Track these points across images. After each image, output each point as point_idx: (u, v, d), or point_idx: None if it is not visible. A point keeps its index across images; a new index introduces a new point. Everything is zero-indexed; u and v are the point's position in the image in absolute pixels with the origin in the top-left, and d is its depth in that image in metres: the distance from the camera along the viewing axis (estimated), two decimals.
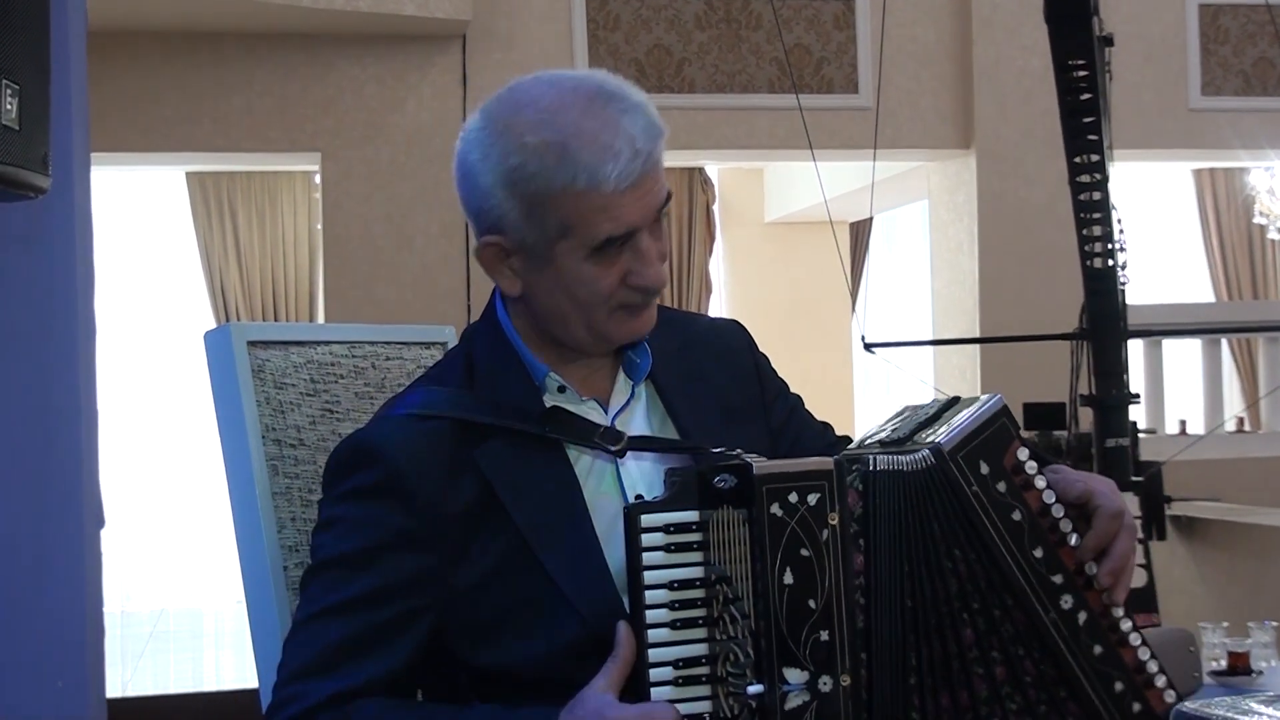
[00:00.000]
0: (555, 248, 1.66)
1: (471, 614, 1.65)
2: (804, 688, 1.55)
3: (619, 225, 1.63)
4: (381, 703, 1.60)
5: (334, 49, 9.44)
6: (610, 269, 1.66)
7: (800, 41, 9.86)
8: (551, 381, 1.73)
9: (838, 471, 1.59)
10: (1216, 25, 10.40)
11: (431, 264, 9.55)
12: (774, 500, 1.56)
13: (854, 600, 1.59)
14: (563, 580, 1.64)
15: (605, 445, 1.70)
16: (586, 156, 1.60)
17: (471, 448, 1.67)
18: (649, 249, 1.67)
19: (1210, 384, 9.68)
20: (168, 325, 11.53)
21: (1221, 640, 3.05)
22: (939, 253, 10.75)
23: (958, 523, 1.62)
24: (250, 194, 11.21)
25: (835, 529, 1.58)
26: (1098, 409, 5.87)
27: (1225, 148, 10.42)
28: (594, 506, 1.70)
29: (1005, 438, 1.66)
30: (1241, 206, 11.91)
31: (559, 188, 1.62)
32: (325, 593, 1.64)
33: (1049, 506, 1.65)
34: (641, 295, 1.69)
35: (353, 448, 1.68)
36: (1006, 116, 9.98)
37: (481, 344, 1.77)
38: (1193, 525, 7.21)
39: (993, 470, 1.64)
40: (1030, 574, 1.62)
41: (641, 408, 1.80)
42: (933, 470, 1.62)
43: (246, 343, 1.84)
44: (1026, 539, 1.63)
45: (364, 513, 1.65)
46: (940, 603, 1.61)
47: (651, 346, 1.79)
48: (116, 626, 10.04)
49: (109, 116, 8.81)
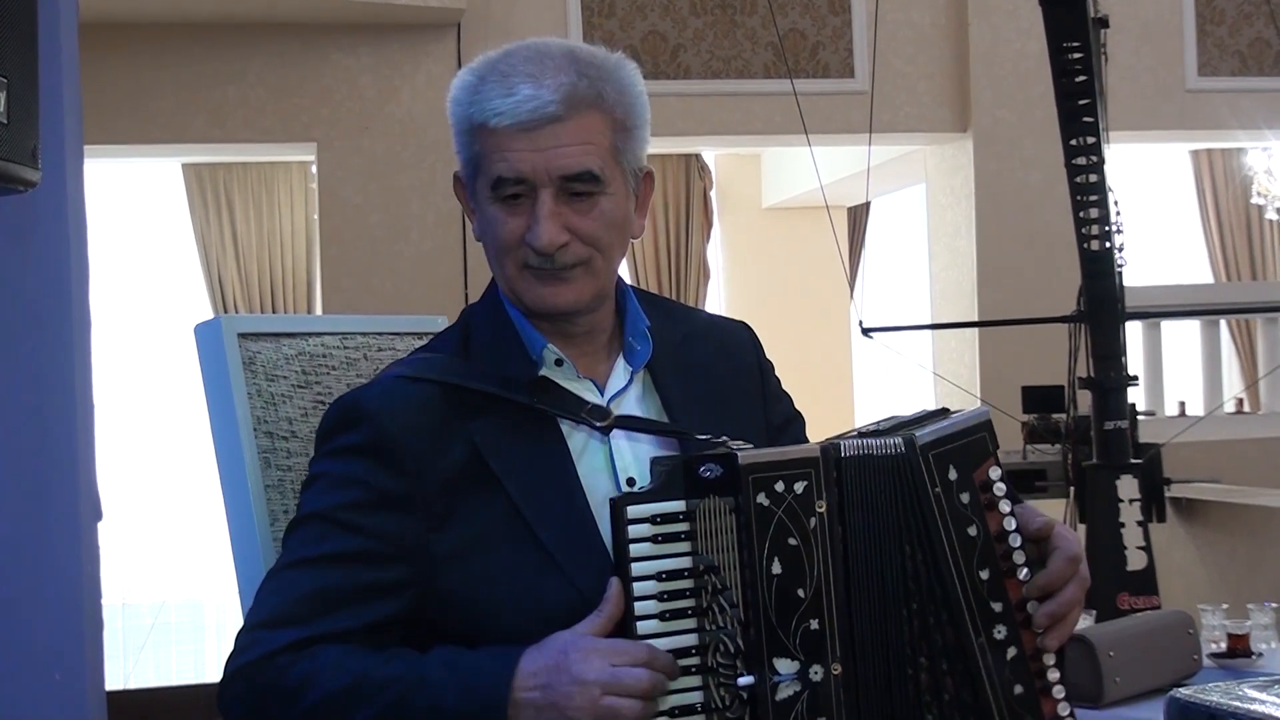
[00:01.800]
0: (476, 184, 1.72)
1: (455, 580, 1.64)
2: (795, 677, 1.55)
3: (509, 167, 1.67)
4: (339, 648, 1.60)
5: (329, 39, 9.42)
6: (511, 218, 1.70)
7: (795, 26, 9.84)
8: (549, 354, 1.75)
9: (824, 459, 1.59)
10: (1212, 6, 10.38)
11: (428, 254, 9.54)
12: (760, 489, 1.56)
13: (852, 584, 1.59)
14: (557, 551, 1.65)
15: (591, 420, 1.71)
16: (488, 90, 1.68)
17: (465, 419, 1.68)
18: (546, 209, 1.67)
19: (1209, 365, 9.68)
20: (165, 317, 11.51)
21: (1221, 622, 3.04)
22: (937, 236, 10.74)
23: (913, 518, 1.61)
24: (247, 185, 11.19)
25: (823, 517, 1.58)
26: (1096, 391, 5.87)
27: (1222, 128, 10.40)
28: (586, 484, 1.71)
29: (981, 451, 1.64)
30: (1239, 187, 11.89)
31: (467, 119, 1.70)
32: (301, 546, 1.65)
33: (1007, 533, 1.63)
34: (538, 257, 1.69)
35: (343, 408, 1.70)
36: (1003, 99, 9.96)
37: (480, 318, 1.79)
38: (1192, 507, 7.21)
39: (960, 479, 1.62)
40: (971, 592, 1.60)
41: (636, 393, 1.80)
42: (900, 459, 1.61)
43: (237, 335, 1.83)
44: (977, 557, 1.61)
45: (348, 470, 1.65)
46: (886, 594, 1.60)
47: (653, 336, 1.81)
48: (118, 619, 10.04)
49: (104, 108, 8.79)
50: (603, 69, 1.71)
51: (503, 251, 1.71)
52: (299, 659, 1.58)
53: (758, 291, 12.81)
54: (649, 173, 1.79)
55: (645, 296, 1.87)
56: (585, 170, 1.67)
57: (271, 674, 1.58)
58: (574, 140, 1.67)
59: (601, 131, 1.69)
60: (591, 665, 1.52)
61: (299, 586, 1.62)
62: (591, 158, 1.68)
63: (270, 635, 1.60)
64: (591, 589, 1.61)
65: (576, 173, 1.67)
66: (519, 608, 1.63)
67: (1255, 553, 6.84)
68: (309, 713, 1.57)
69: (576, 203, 1.69)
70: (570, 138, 1.66)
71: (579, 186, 1.68)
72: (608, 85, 1.70)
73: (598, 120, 1.69)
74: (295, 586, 1.62)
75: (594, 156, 1.68)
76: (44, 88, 2.03)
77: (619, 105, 1.71)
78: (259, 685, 1.59)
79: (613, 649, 1.53)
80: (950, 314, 10.36)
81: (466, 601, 1.64)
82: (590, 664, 1.52)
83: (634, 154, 1.74)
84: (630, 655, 1.53)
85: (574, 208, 1.69)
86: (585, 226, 1.69)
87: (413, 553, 1.64)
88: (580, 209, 1.69)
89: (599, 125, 1.69)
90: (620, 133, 1.72)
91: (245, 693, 1.60)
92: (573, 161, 1.67)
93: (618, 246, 1.75)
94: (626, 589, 1.56)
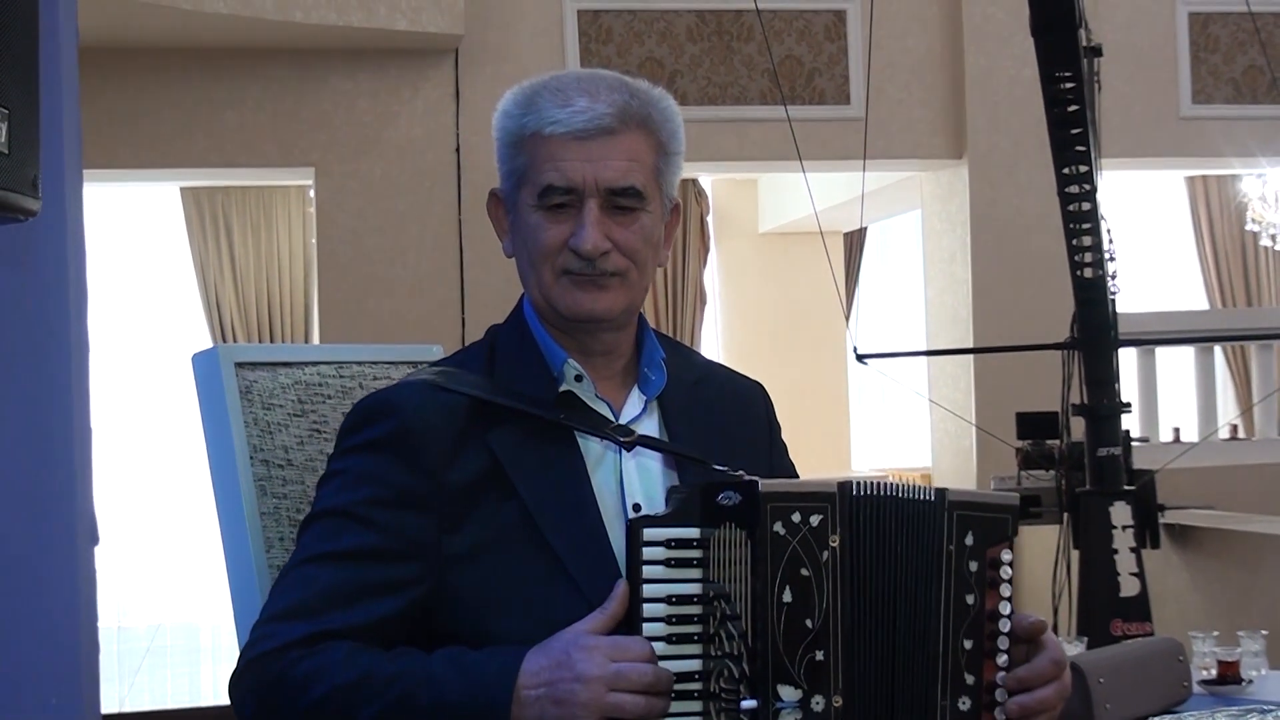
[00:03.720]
0: (519, 195, 1.77)
1: (464, 583, 1.67)
2: (797, 705, 1.57)
3: (560, 176, 1.73)
4: (348, 645, 1.62)
5: (327, 64, 9.45)
6: (555, 225, 1.75)
7: (792, 53, 9.88)
8: (570, 369, 1.78)
9: (840, 494, 1.61)
10: (1207, 33, 10.42)
11: (426, 278, 9.55)
12: (777, 519, 1.58)
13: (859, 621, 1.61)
14: (570, 560, 1.68)
15: (615, 437, 1.75)
16: (544, 102, 1.75)
17: (485, 428, 1.72)
18: (593, 216, 1.73)
19: (1204, 391, 9.69)
20: (164, 341, 11.51)
21: (1212, 649, 3.05)
22: (932, 262, 10.76)
23: (918, 563, 1.64)
24: (245, 209, 11.21)
25: (835, 551, 1.60)
26: (1089, 418, 5.89)
27: (1217, 155, 10.43)
28: (597, 496, 1.75)
29: (1002, 531, 1.67)
30: (1234, 213, 11.93)
31: (518, 131, 1.77)
32: (317, 541, 1.68)
33: (1000, 615, 1.65)
34: (579, 261, 1.74)
35: (369, 404, 1.75)
36: (998, 126, 9.99)
37: (505, 336, 1.84)
38: (1186, 533, 7.21)
39: (975, 547, 1.65)
40: (950, 655, 1.63)
41: (649, 424, 1.83)
42: (926, 507, 1.65)
43: (235, 364, 1.85)
44: (966, 625, 1.64)
45: (369, 466, 1.69)
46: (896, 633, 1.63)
47: (668, 369, 1.85)
48: (113, 642, 10.02)
49: (103, 133, 8.82)
50: (649, 95, 1.79)
51: (542, 258, 1.76)
52: (309, 653, 1.61)
53: (754, 316, 12.83)
54: (677, 205, 1.86)
55: (664, 337, 1.92)
56: (631, 186, 1.74)
57: (282, 666, 1.62)
58: (623, 155, 1.74)
59: (647, 151, 1.77)
60: (594, 662, 1.54)
61: (314, 582, 1.65)
62: (637, 174, 1.75)
63: (283, 628, 1.63)
64: (599, 598, 1.64)
65: (623, 187, 1.74)
66: (527, 612, 1.66)
67: (1249, 579, 6.85)
68: (316, 705, 1.60)
69: (619, 216, 1.75)
70: (620, 152, 1.74)
71: (623, 201, 1.74)
72: (655, 110, 1.78)
73: (645, 140, 1.77)
74: (310, 582, 1.65)
75: (639, 174, 1.75)
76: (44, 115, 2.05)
77: (664, 129, 1.79)
78: (269, 677, 1.62)
79: (614, 645, 1.56)
80: (946, 340, 10.38)
81: (475, 603, 1.67)
82: (593, 660, 1.55)
83: (671, 180, 1.82)
84: (632, 651, 1.56)
85: (616, 220, 1.75)
86: (626, 239, 1.75)
87: (426, 551, 1.67)
88: (622, 222, 1.75)
89: (646, 144, 1.77)
90: (662, 156, 1.79)
91: (256, 684, 1.63)
92: (620, 176, 1.74)
93: (651, 264, 1.81)
94: (635, 609, 1.59)
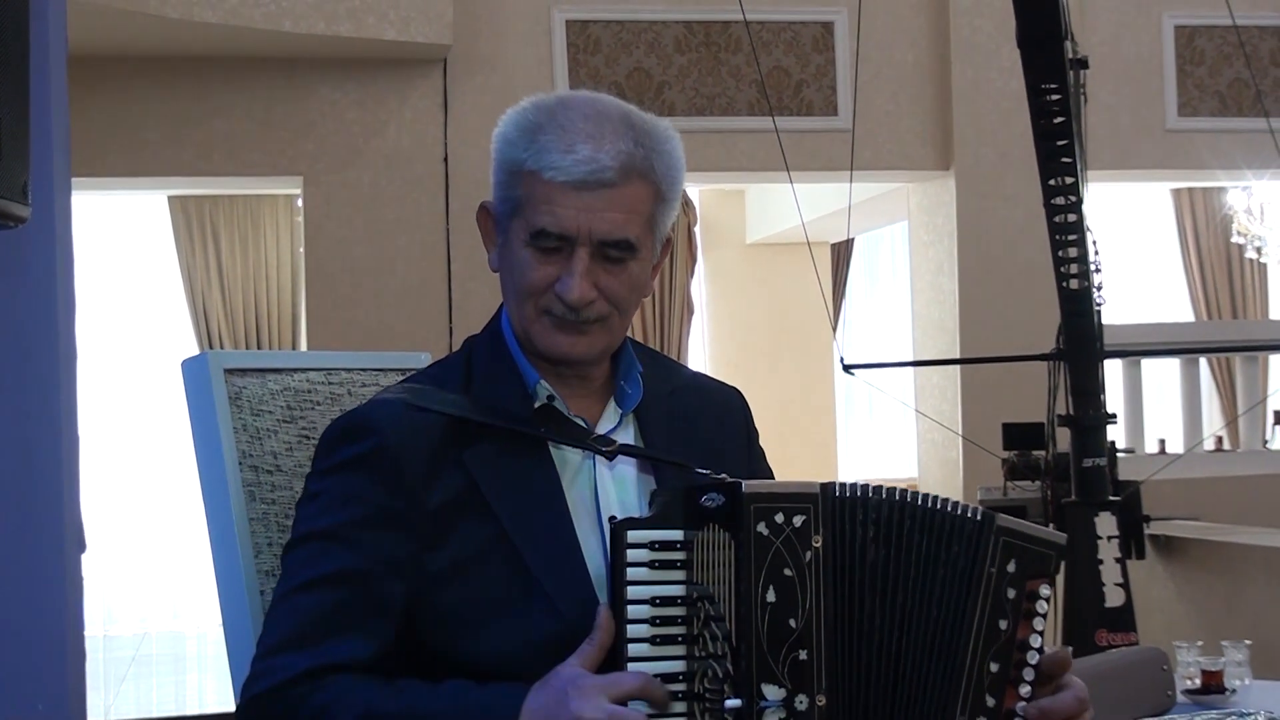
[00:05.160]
0: (511, 223, 1.75)
1: (444, 600, 1.68)
2: (780, 705, 1.57)
3: (555, 222, 1.71)
4: (353, 678, 1.63)
5: (315, 73, 9.46)
6: (543, 265, 1.73)
7: (779, 64, 9.91)
8: (542, 389, 1.78)
9: (823, 495, 1.62)
10: (1192, 47, 10.47)
11: (413, 287, 9.56)
12: (760, 519, 1.59)
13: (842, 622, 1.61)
14: (544, 577, 1.68)
15: (597, 447, 1.76)
16: (547, 141, 1.71)
17: (460, 447, 1.72)
18: (582, 267, 1.72)
19: (1189, 403, 9.72)
20: (151, 349, 11.49)
21: (1195, 659, 3.06)
22: (919, 273, 10.79)
23: (958, 582, 1.65)
24: (233, 217, 11.20)
25: (818, 551, 1.60)
26: (1075, 429, 5.91)
27: (1202, 168, 10.48)
28: (572, 510, 1.74)
29: (1044, 566, 1.69)
30: (1220, 226, 11.97)
31: (518, 162, 1.73)
32: (303, 567, 1.68)
33: (1029, 648, 1.67)
34: (562, 307, 1.73)
35: (346, 423, 1.74)
36: (985, 138, 10.03)
37: (481, 350, 1.83)
38: (1171, 544, 7.24)
39: (1016, 575, 1.66)
40: (975, 674, 1.64)
41: (626, 436, 1.83)
42: (974, 524, 1.66)
43: (224, 370, 1.86)
44: (995, 649, 1.65)
45: (348, 487, 1.69)
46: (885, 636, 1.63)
47: (645, 382, 1.85)
48: (99, 650, 10.00)
49: (91, 141, 8.81)
50: (654, 138, 1.75)
51: (527, 295, 1.75)
52: (314, 690, 1.61)
53: (741, 327, 12.84)
54: (669, 240, 1.84)
55: (641, 348, 1.91)
56: (624, 239, 1.72)
57: (288, 704, 1.62)
58: (620, 208, 1.71)
59: (645, 201, 1.74)
60: (589, 702, 1.55)
61: (306, 610, 1.65)
62: (633, 227, 1.73)
63: (283, 662, 1.63)
64: (574, 614, 1.65)
65: (616, 240, 1.72)
66: (504, 630, 1.67)
67: (1233, 590, 6.87)
68: None
69: (608, 265, 1.73)
70: (617, 205, 1.71)
71: (614, 252, 1.72)
72: (658, 158, 1.75)
73: (644, 190, 1.74)
74: (302, 610, 1.65)
75: (635, 226, 1.73)
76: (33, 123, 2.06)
77: (665, 178, 1.76)
78: (276, 716, 1.63)
79: (610, 684, 1.56)
80: (932, 350, 10.40)
81: (455, 621, 1.68)
82: (588, 701, 1.55)
83: (665, 224, 1.80)
84: (626, 687, 1.56)
85: (605, 269, 1.73)
86: (613, 287, 1.74)
87: (408, 570, 1.67)
88: (611, 271, 1.73)
89: (644, 195, 1.74)
90: (659, 204, 1.77)
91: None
92: (615, 229, 1.71)
93: (634, 305, 1.80)
94: (619, 613, 1.59)
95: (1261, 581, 6.67)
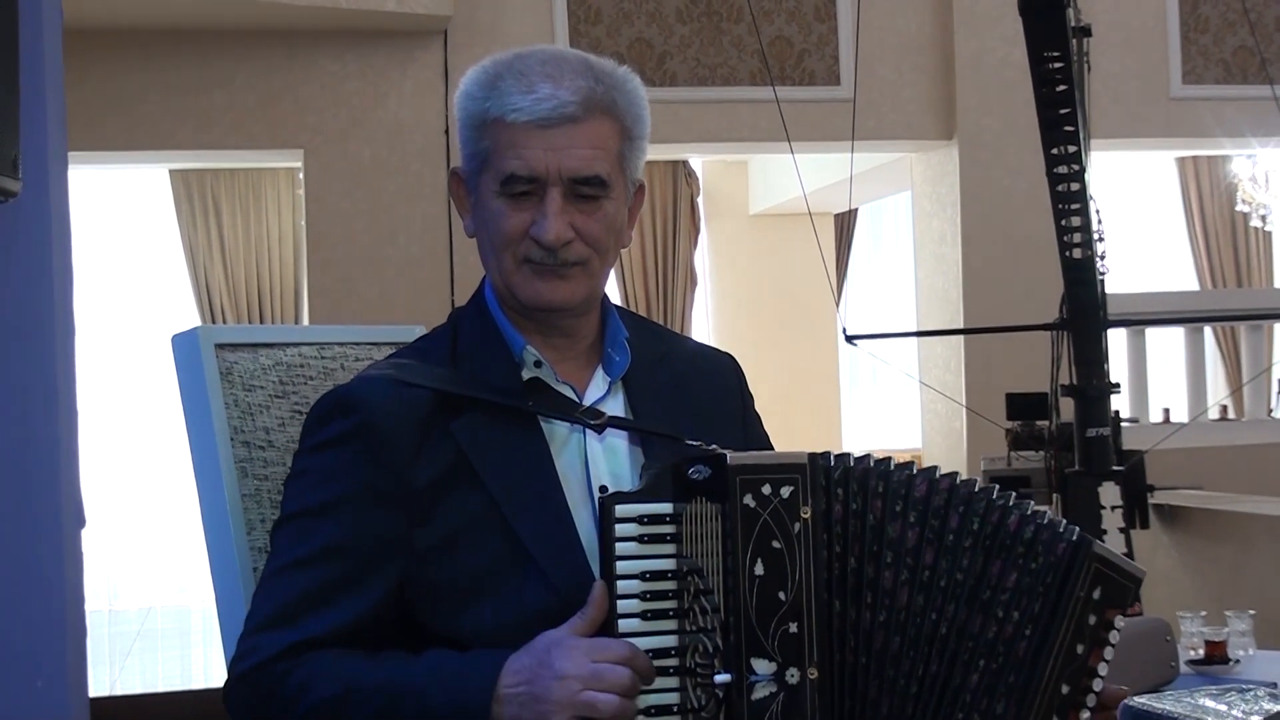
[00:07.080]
0: (480, 179, 1.75)
1: (437, 575, 1.67)
2: (771, 679, 1.56)
3: (523, 164, 1.70)
4: (336, 651, 1.63)
5: (316, 45, 9.43)
6: (517, 212, 1.73)
7: (781, 34, 9.87)
8: (529, 355, 1.77)
9: (811, 466, 1.60)
10: (1197, 14, 10.42)
11: (415, 259, 9.55)
12: (747, 491, 1.57)
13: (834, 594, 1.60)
14: (535, 547, 1.68)
15: (585, 420, 1.74)
16: (507, 87, 1.71)
17: (448, 419, 1.71)
18: (555, 206, 1.71)
19: (1193, 372, 9.71)
20: (153, 323, 11.49)
21: (1199, 629, 3.06)
22: (923, 243, 10.76)
23: (1050, 598, 1.64)
24: (234, 191, 11.18)
25: (807, 523, 1.58)
26: (1078, 399, 5.90)
27: (1207, 136, 10.44)
28: (562, 480, 1.74)
29: (1123, 597, 1.68)
30: (1224, 194, 11.93)
31: (480, 113, 1.73)
32: (290, 545, 1.68)
33: (1096, 675, 1.66)
34: (540, 251, 1.73)
35: (332, 400, 1.73)
36: (989, 107, 9.99)
37: (466, 322, 1.82)
38: (1175, 513, 7.23)
39: (1099, 603, 1.66)
40: (1048, 691, 1.63)
41: (615, 404, 1.82)
42: (1069, 546, 1.65)
43: (215, 345, 1.85)
44: (1070, 670, 1.64)
45: (334, 463, 1.68)
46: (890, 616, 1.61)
47: (632, 349, 1.83)
48: (104, 625, 10.04)
49: (91, 115, 8.79)
50: (614, 78, 1.75)
51: (504, 245, 1.74)
52: (296, 665, 1.62)
53: (744, 298, 12.82)
54: (642, 185, 1.83)
55: (630, 315, 1.90)
56: (595, 174, 1.72)
57: (270, 681, 1.63)
58: (587, 144, 1.71)
59: (611, 138, 1.74)
60: (572, 660, 1.55)
61: (289, 588, 1.65)
62: (601, 163, 1.72)
63: (266, 640, 1.64)
64: (567, 585, 1.64)
65: (586, 176, 1.71)
66: (497, 602, 1.66)
67: (1238, 559, 6.87)
68: (306, 718, 1.61)
69: (582, 204, 1.72)
70: (584, 140, 1.71)
71: (586, 190, 1.72)
72: (619, 94, 1.75)
73: (609, 126, 1.73)
74: (286, 588, 1.66)
75: (603, 162, 1.72)
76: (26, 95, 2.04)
77: (628, 115, 1.76)
78: (260, 692, 1.64)
79: (594, 646, 1.56)
80: (936, 321, 10.39)
81: (448, 595, 1.67)
82: (571, 659, 1.55)
83: (635, 164, 1.79)
84: (612, 653, 1.56)
85: (579, 208, 1.72)
86: (589, 227, 1.73)
87: (397, 546, 1.67)
88: (585, 210, 1.73)
89: (610, 131, 1.73)
90: (627, 141, 1.76)
91: (248, 698, 1.65)
92: (584, 164, 1.71)
93: (613, 251, 1.79)
94: (610, 588, 1.59)
95: (1266, 551, 6.66)
